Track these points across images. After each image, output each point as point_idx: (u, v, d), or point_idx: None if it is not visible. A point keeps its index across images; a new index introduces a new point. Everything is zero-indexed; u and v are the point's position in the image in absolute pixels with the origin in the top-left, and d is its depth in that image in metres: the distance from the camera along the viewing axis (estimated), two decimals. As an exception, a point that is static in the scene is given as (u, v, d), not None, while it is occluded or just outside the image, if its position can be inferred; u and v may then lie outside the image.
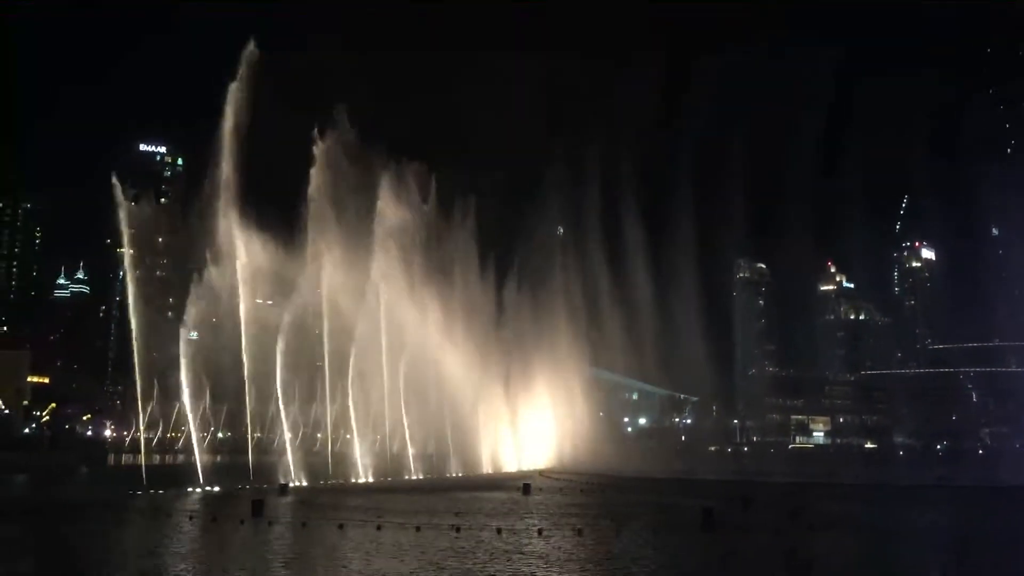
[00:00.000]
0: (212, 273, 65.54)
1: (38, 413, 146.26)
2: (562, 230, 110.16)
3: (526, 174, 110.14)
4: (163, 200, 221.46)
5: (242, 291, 64.30)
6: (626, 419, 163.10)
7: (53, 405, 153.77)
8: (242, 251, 65.11)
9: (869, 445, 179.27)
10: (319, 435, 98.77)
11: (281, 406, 71.09)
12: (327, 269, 72.73)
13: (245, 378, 64.72)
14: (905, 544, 38.34)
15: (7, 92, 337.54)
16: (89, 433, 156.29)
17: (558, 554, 32.06)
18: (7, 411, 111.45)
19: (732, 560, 32.44)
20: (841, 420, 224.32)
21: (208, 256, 65.34)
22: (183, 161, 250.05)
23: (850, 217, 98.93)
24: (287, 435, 72.59)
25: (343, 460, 77.04)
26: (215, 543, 35.44)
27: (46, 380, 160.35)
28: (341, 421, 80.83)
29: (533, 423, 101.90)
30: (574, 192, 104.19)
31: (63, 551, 32.51)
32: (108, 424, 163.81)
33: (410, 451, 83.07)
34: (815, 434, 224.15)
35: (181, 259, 68.47)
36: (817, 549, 35.80)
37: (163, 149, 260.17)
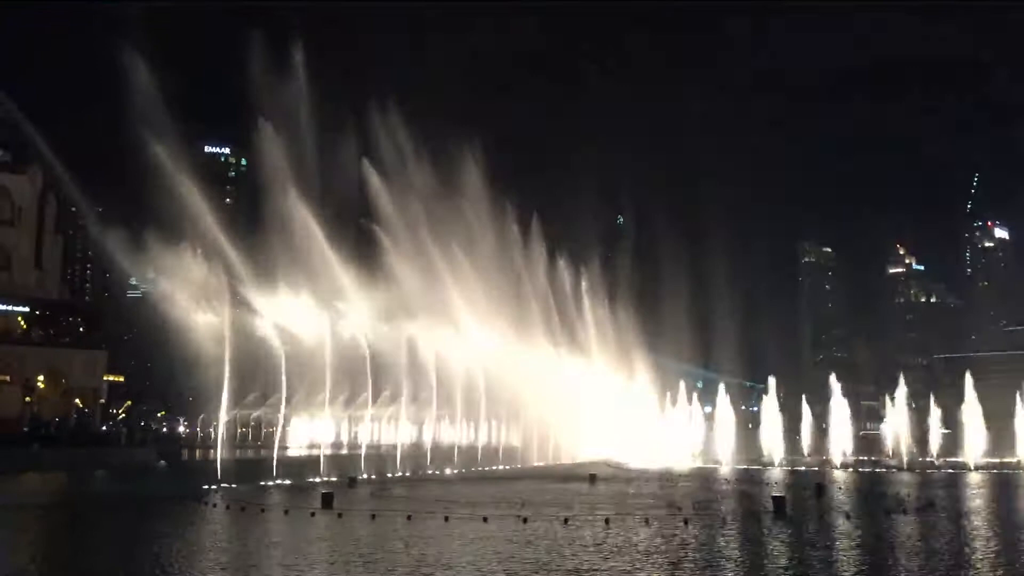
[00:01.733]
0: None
1: (114, 411, 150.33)
2: (622, 218, 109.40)
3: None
4: (228, 200, 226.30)
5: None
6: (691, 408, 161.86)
7: (129, 403, 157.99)
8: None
9: (944, 430, 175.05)
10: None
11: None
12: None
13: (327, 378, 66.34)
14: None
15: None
16: (164, 429, 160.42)
17: (623, 544, 32.04)
18: (85, 409, 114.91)
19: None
20: (913, 406, 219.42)
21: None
22: (246, 161, 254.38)
23: (919, 197, 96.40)
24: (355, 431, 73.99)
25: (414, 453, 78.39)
26: (283, 535, 36.00)
27: (121, 379, 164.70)
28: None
29: (602, 414, 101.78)
30: (635, 178, 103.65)
31: (130, 543, 33.46)
32: (181, 420, 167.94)
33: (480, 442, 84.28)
34: (885, 419, 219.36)
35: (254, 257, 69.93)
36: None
37: (227, 150, 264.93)
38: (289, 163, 67.95)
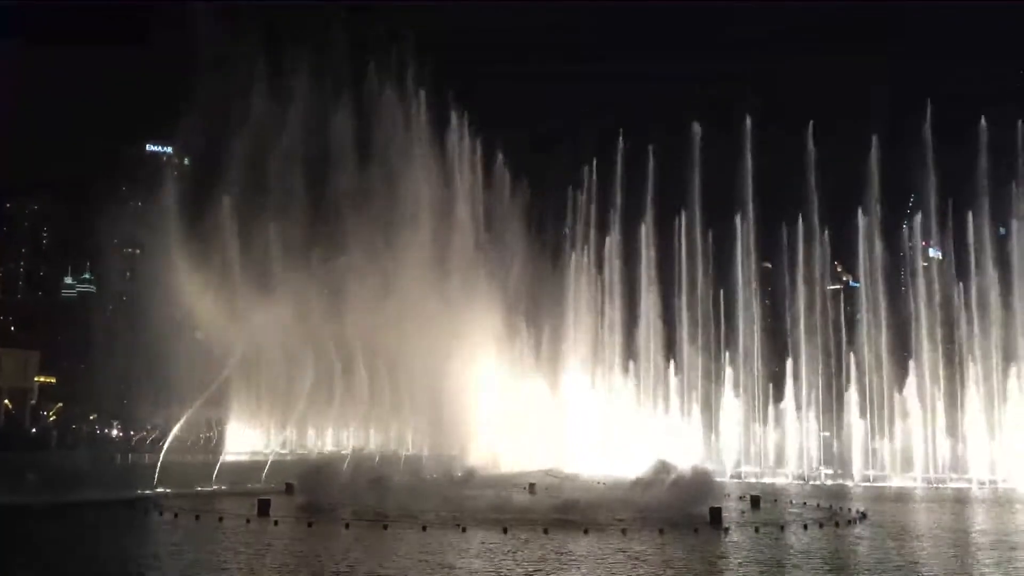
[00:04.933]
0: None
1: (45, 413, 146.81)
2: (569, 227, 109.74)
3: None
4: (170, 199, 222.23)
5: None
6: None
7: (60, 405, 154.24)
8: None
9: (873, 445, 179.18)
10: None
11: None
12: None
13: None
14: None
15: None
16: (98, 432, 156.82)
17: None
18: (15, 411, 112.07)
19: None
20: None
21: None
22: (189, 161, 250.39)
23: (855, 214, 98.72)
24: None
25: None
26: (215, 542, 35.51)
27: (53, 380, 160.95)
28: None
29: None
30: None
31: (63, 553, 32.82)
32: (115, 424, 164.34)
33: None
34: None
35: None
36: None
37: (169, 149, 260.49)
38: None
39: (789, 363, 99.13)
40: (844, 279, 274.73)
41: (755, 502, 54.78)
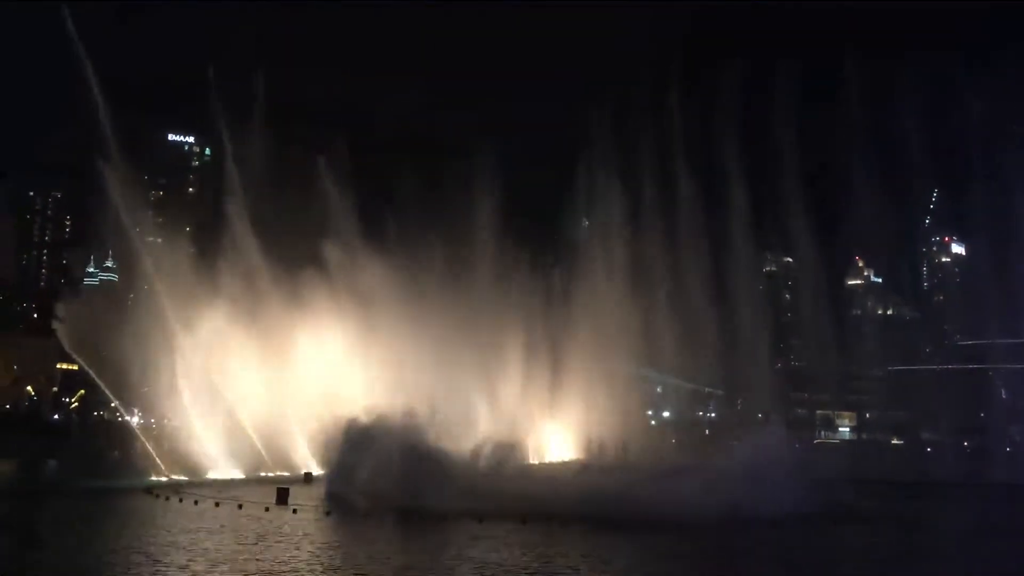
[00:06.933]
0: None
1: (67, 400, 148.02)
2: (587, 222, 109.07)
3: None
4: (191, 189, 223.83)
5: None
6: (650, 412, 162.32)
7: (82, 392, 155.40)
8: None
9: (896, 441, 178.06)
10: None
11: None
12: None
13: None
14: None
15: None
16: (119, 419, 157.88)
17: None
18: (37, 398, 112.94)
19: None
20: (867, 415, 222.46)
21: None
22: (210, 151, 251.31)
23: (879, 211, 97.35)
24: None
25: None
26: (228, 531, 35.53)
27: (75, 367, 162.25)
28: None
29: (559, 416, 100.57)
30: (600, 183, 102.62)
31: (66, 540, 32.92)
32: (135, 410, 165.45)
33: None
34: (840, 429, 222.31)
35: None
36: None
37: (191, 139, 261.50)
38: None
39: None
40: (865, 274, 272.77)
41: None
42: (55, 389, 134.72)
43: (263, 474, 61.76)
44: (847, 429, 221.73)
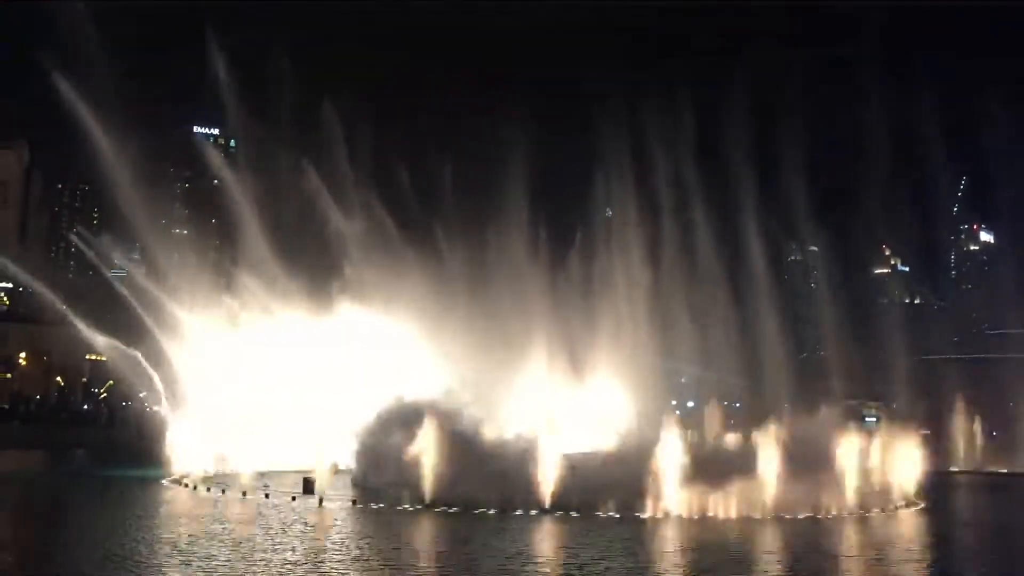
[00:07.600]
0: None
1: (96, 390, 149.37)
2: (611, 212, 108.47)
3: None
4: (216, 181, 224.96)
5: None
6: (674, 402, 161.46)
7: (111, 382, 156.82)
8: None
9: (924, 431, 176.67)
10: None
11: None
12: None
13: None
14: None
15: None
16: (147, 409, 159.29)
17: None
18: (66, 388, 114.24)
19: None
20: (894, 405, 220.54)
21: None
22: (235, 143, 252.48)
23: (905, 199, 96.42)
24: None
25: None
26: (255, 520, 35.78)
27: (104, 358, 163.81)
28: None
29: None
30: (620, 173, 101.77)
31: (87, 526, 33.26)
32: (164, 402, 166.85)
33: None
34: (867, 419, 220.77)
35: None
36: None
37: (216, 131, 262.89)
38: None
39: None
40: (892, 262, 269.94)
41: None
42: (84, 379, 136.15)
43: (288, 466, 62.07)
44: (874, 419, 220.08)
